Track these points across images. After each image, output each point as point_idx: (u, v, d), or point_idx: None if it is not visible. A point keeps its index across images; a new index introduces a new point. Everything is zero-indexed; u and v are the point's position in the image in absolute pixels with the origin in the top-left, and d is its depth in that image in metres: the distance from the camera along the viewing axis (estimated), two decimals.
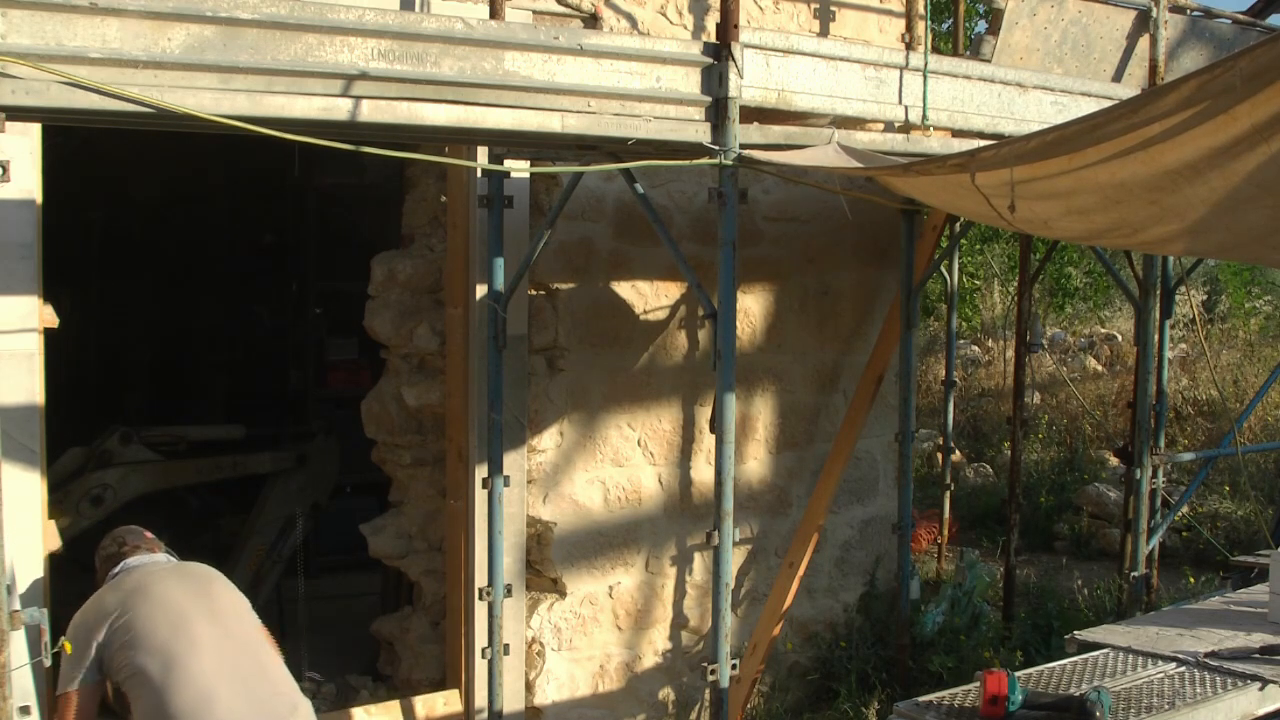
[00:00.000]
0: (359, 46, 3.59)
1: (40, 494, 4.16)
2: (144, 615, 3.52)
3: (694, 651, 5.98)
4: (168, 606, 3.56)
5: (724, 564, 4.31)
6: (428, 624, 5.66)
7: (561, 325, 5.49)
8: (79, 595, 3.74)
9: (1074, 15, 5.90)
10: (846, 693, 5.86)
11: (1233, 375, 12.38)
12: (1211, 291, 16.75)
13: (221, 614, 3.63)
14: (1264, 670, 3.96)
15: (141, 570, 3.75)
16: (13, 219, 4.04)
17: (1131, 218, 3.74)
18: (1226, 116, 2.88)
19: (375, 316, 5.54)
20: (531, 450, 5.43)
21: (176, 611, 3.55)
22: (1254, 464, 10.11)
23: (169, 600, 3.58)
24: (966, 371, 14.26)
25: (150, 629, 3.49)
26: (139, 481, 6.31)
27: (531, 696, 5.50)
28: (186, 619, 3.53)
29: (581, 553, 5.60)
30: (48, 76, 3.11)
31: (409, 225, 5.78)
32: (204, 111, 3.30)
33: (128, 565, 3.80)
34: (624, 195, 5.40)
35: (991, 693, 3.55)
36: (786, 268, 6.19)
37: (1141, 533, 6.30)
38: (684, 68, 4.18)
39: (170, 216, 9.92)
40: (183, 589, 3.66)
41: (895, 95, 4.85)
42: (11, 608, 3.28)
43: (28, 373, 4.08)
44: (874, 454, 6.60)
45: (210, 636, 3.52)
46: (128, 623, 3.50)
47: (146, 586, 3.64)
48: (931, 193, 4.54)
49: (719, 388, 4.24)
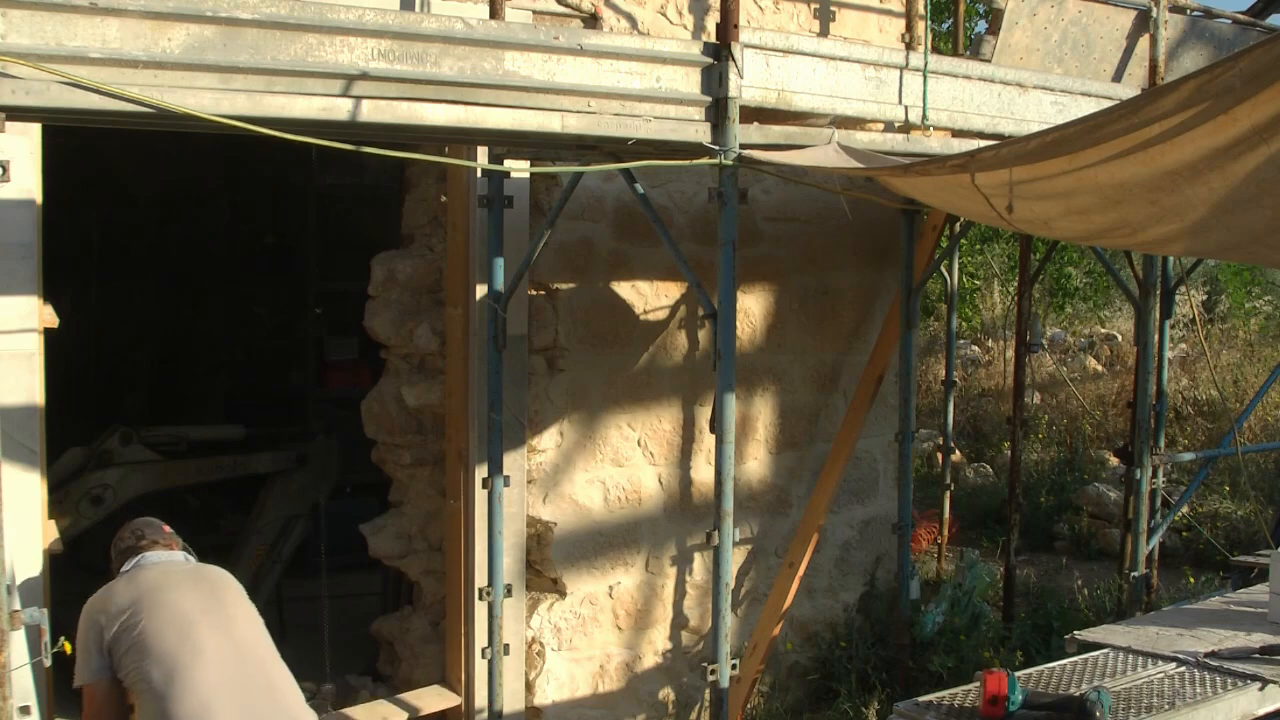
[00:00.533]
0: (359, 46, 3.59)
1: (40, 494, 4.16)
2: (153, 620, 3.48)
3: (694, 651, 5.98)
4: (177, 613, 3.52)
5: (724, 564, 4.31)
6: (428, 624, 5.66)
7: (561, 325, 5.49)
8: (79, 595, 3.73)
9: (1074, 15, 5.90)
10: (846, 693, 5.86)
11: (1233, 375, 12.38)
12: (1211, 291, 16.75)
13: (231, 623, 3.59)
14: (1264, 670, 3.97)
15: (157, 570, 3.71)
16: (13, 219, 4.04)
17: (1131, 218, 3.74)
18: (1226, 117, 2.87)
19: (375, 316, 5.54)
20: (531, 450, 5.43)
21: (185, 619, 3.51)
22: (1254, 464, 10.11)
23: (179, 606, 3.55)
24: (966, 371, 14.27)
25: (158, 635, 3.45)
26: (139, 481, 6.31)
27: (531, 696, 5.50)
28: (194, 627, 3.50)
29: (581, 553, 5.60)
30: (48, 76, 3.11)
31: (409, 225, 5.78)
32: (204, 111, 3.30)
33: (144, 560, 3.75)
34: (624, 195, 5.40)
35: (991, 693, 3.55)
36: (786, 268, 6.19)
37: (1141, 533, 6.30)
38: (684, 68, 4.18)
39: (170, 216, 9.93)
40: (194, 596, 3.61)
41: (895, 95, 4.84)
42: (11, 608, 3.28)
43: (28, 373, 4.08)
44: (874, 454, 6.60)
45: (216, 646, 3.48)
46: (136, 625, 3.47)
47: (158, 589, 3.60)
48: (931, 193, 4.54)
49: (719, 388, 4.24)
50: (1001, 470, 10.87)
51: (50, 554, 4.20)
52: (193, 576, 3.73)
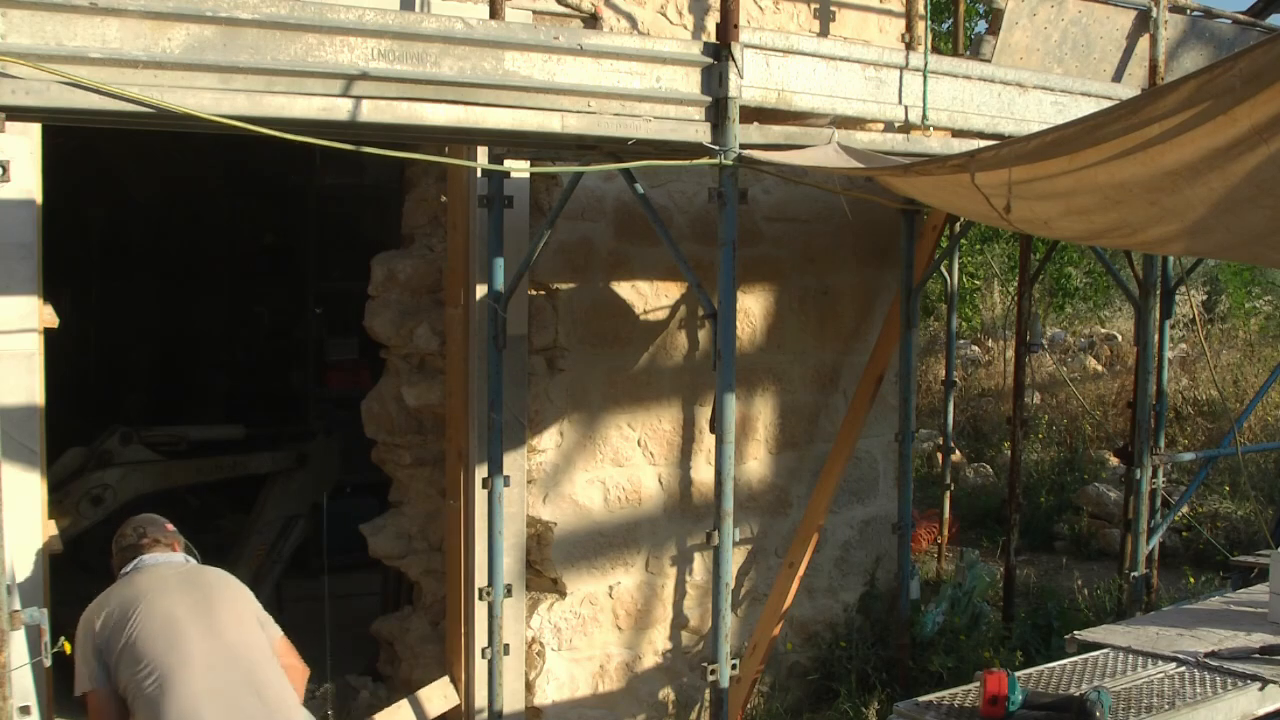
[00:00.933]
0: (359, 46, 3.59)
1: (40, 494, 4.16)
2: (144, 628, 3.49)
3: (694, 651, 5.98)
4: (167, 619, 3.53)
5: (724, 564, 4.31)
6: (428, 624, 5.66)
7: (561, 325, 5.49)
8: (79, 595, 3.73)
9: (1074, 15, 5.90)
10: (846, 693, 5.85)
11: (1233, 375, 12.37)
12: (1211, 291, 16.74)
13: (220, 629, 3.58)
14: (1264, 670, 3.96)
15: (152, 574, 3.71)
16: (13, 219, 4.04)
17: (1131, 218, 3.74)
18: (1226, 118, 2.87)
19: (375, 316, 5.54)
20: (531, 450, 5.43)
21: (174, 625, 3.52)
22: (1254, 464, 10.11)
23: (170, 613, 3.55)
24: (966, 371, 14.26)
25: (148, 642, 3.47)
26: (139, 481, 6.31)
27: (531, 696, 5.50)
28: (182, 635, 3.50)
29: (581, 553, 5.60)
30: (48, 76, 3.11)
31: (409, 225, 5.78)
32: (204, 111, 3.30)
33: (142, 563, 3.75)
34: (624, 195, 5.40)
35: (991, 693, 3.55)
36: (786, 268, 6.19)
37: (1141, 533, 6.30)
38: (684, 68, 4.18)
39: (170, 216, 9.93)
40: (185, 602, 3.61)
41: (895, 95, 4.84)
42: (11, 608, 3.28)
43: (28, 373, 4.09)
44: (874, 454, 6.60)
45: (204, 652, 3.49)
46: (128, 633, 3.48)
47: (151, 596, 3.60)
48: (931, 193, 4.54)
49: (719, 388, 4.24)
50: (1001, 470, 10.87)
51: (50, 554, 4.20)
52: (187, 582, 3.73)
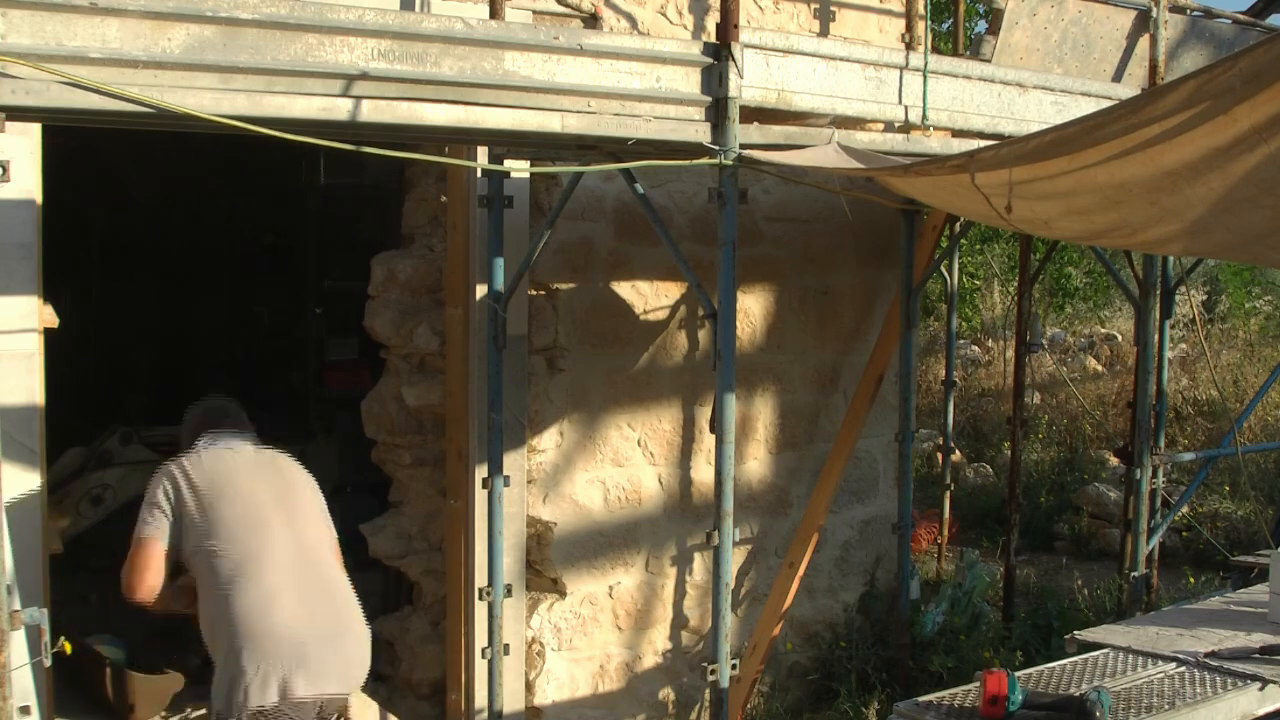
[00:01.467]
0: (359, 46, 3.59)
1: (40, 494, 4.17)
2: (229, 506, 3.55)
3: (694, 651, 5.98)
4: (252, 504, 3.59)
5: (724, 564, 4.31)
6: (428, 624, 5.66)
7: (561, 325, 5.49)
8: (79, 596, 3.73)
9: (1074, 15, 5.90)
10: (846, 693, 5.86)
11: (1233, 375, 12.37)
12: (1211, 291, 16.75)
13: (301, 523, 3.67)
14: (1264, 670, 3.96)
15: (238, 455, 3.73)
16: (13, 219, 4.05)
17: (1131, 218, 3.74)
18: (1226, 117, 2.87)
19: (375, 316, 5.54)
20: (531, 450, 5.43)
21: (258, 511, 3.58)
22: (1254, 464, 10.11)
23: (255, 497, 3.61)
24: (966, 371, 14.27)
25: (231, 522, 3.52)
26: (139, 481, 6.24)
27: (531, 696, 5.50)
28: (265, 523, 3.57)
29: (581, 553, 5.60)
30: (48, 76, 3.11)
31: (409, 225, 5.78)
32: (204, 111, 3.30)
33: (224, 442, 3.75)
34: (624, 195, 5.40)
35: (991, 693, 3.55)
36: (786, 268, 6.19)
37: (1141, 533, 6.30)
38: (684, 68, 4.18)
39: (170, 216, 9.92)
40: (269, 489, 3.67)
41: (895, 95, 4.84)
42: (11, 608, 3.28)
43: (28, 373, 4.09)
44: (874, 454, 6.60)
45: (284, 544, 3.56)
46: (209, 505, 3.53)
47: (239, 475, 3.65)
48: (931, 193, 4.54)
49: (719, 388, 4.24)
50: (1001, 470, 10.87)
51: (50, 554, 4.20)
52: (270, 468, 3.78)
